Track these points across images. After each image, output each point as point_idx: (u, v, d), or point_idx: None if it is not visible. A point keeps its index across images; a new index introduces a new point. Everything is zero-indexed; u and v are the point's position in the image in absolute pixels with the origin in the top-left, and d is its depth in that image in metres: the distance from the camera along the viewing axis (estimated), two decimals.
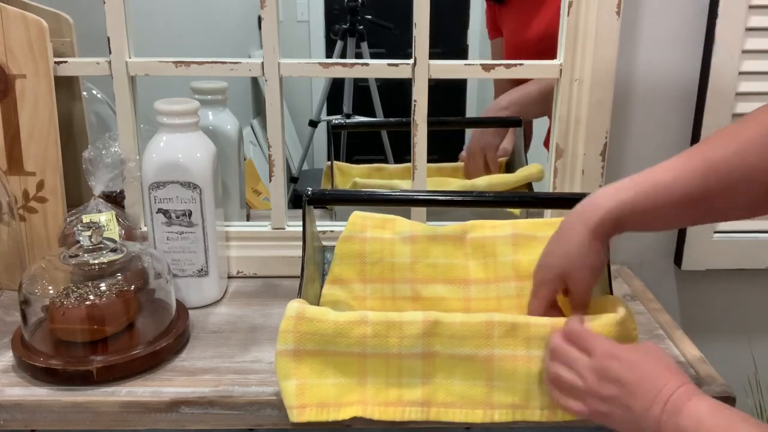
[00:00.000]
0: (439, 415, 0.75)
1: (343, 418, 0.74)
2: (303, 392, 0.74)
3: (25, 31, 0.95)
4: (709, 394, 0.78)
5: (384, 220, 0.91)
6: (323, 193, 0.88)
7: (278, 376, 0.75)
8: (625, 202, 0.70)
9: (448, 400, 0.75)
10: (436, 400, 0.75)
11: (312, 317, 0.74)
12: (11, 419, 0.77)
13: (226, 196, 1.11)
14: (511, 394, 0.75)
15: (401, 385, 0.75)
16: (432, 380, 0.76)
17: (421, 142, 1.02)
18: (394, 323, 0.74)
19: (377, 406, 0.75)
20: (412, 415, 0.75)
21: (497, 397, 0.76)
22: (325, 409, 0.74)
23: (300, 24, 2.74)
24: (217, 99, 1.10)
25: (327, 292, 0.90)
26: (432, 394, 0.75)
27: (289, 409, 0.74)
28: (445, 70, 1.01)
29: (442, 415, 0.75)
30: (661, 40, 1.07)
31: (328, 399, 0.75)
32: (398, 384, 0.76)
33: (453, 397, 0.75)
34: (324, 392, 0.75)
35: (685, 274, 1.20)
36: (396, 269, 0.89)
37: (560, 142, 1.03)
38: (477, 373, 0.75)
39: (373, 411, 0.75)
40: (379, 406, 0.75)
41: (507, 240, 0.90)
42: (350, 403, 0.75)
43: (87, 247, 0.83)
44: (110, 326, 0.82)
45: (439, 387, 0.76)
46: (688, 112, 1.11)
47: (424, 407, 0.75)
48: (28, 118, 0.97)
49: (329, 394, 0.75)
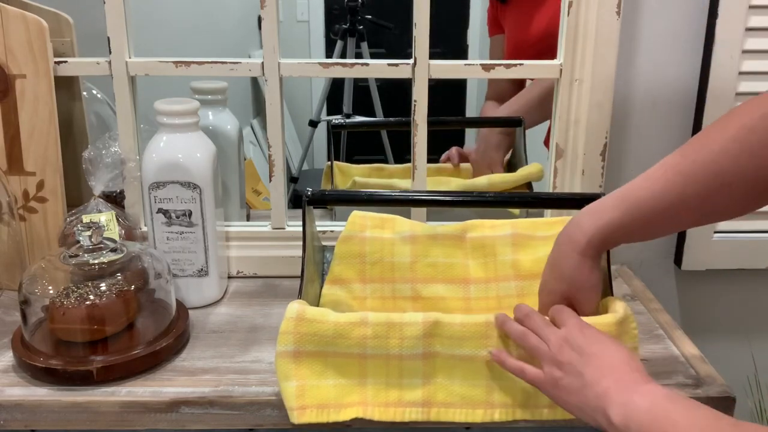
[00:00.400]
0: (439, 415, 0.75)
1: (344, 419, 0.74)
2: (303, 393, 0.74)
3: (25, 31, 0.95)
4: (709, 394, 0.79)
5: (383, 219, 0.91)
6: (323, 193, 0.88)
7: (278, 377, 0.75)
8: (609, 223, 0.73)
9: (448, 400, 0.75)
10: (436, 401, 0.75)
11: (312, 318, 0.74)
12: (11, 419, 0.77)
13: (226, 196, 1.11)
14: (511, 394, 0.75)
15: (401, 386, 0.75)
16: (432, 381, 0.76)
17: (421, 142, 1.02)
18: (395, 324, 0.74)
19: (378, 407, 0.75)
20: (412, 415, 0.75)
21: (497, 396, 0.76)
22: (325, 410, 0.74)
23: (300, 24, 2.74)
24: (217, 99, 1.10)
25: (327, 292, 0.90)
26: (432, 395, 0.75)
27: (290, 410, 0.74)
28: (445, 70, 1.01)
29: (443, 415, 0.75)
30: (661, 40, 1.07)
31: (329, 400, 0.75)
32: (398, 385, 0.75)
33: (453, 398, 0.76)
34: (324, 393, 0.75)
35: (685, 274, 1.20)
36: (396, 269, 0.89)
37: (560, 142, 1.03)
38: (477, 374, 0.75)
39: (373, 412, 0.75)
40: (380, 406, 0.75)
41: (506, 240, 0.90)
42: (351, 404, 0.75)
43: (87, 247, 0.83)
44: (110, 326, 0.82)
45: (439, 387, 0.76)
46: (688, 112, 1.11)
47: (425, 407, 0.75)
48: (28, 118, 0.97)
49: (329, 395, 0.75)
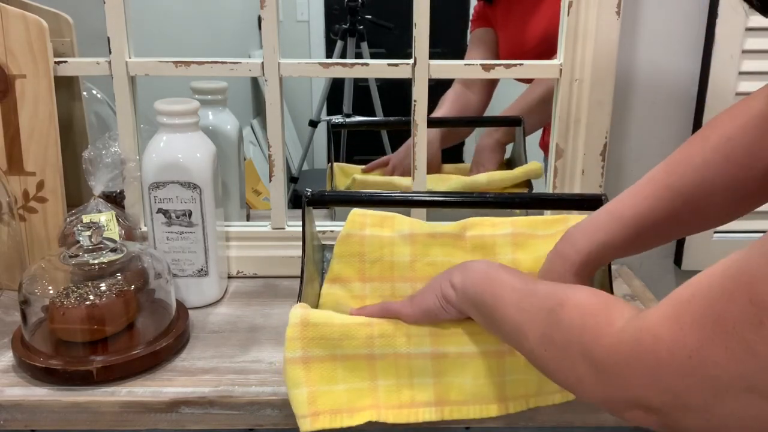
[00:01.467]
0: (453, 413, 0.75)
1: (357, 424, 0.73)
2: (315, 399, 0.73)
3: (25, 31, 0.95)
4: None
5: (383, 217, 0.91)
6: (322, 194, 0.88)
7: (288, 385, 0.73)
8: (604, 243, 0.74)
9: (461, 398, 0.75)
10: (449, 399, 0.75)
11: (317, 322, 0.74)
12: (11, 419, 0.77)
13: (226, 196, 1.11)
14: (524, 386, 0.76)
15: (413, 386, 0.75)
16: (443, 379, 0.75)
17: (421, 142, 1.02)
18: (400, 322, 0.74)
19: (391, 409, 0.74)
20: (426, 415, 0.74)
21: (510, 389, 0.76)
22: (338, 416, 0.73)
23: (300, 24, 2.74)
24: (217, 99, 1.10)
25: (326, 292, 0.89)
26: (445, 393, 0.75)
27: (302, 417, 0.72)
28: (445, 70, 1.01)
29: (456, 413, 0.75)
30: (661, 40, 1.07)
31: (341, 405, 0.73)
32: (410, 385, 0.75)
33: (466, 395, 0.75)
34: (336, 398, 0.73)
35: (685, 274, 1.20)
36: (395, 268, 0.89)
37: (560, 142, 1.03)
38: (489, 370, 0.75)
39: (387, 414, 0.74)
40: (393, 409, 0.74)
41: (506, 239, 0.90)
42: (363, 407, 0.74)
43: (87, 247, 0.82)
44: (110, 326, 0.82)
45: (451, 386, 0.75)
46: (688, 112, 1.11)
47: (438, 407, 0.75)
48: (28, 118, 0.97)
49: (341, 400, 0.73)
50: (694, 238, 1.15)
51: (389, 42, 2.09)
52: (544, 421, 0.78)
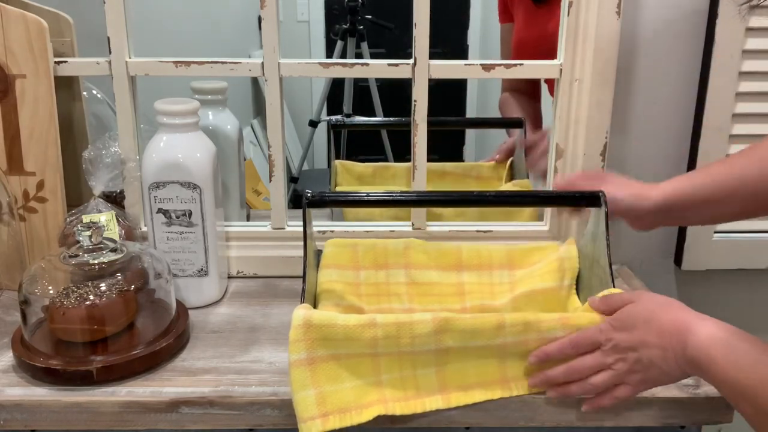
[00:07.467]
0: (459, 399, 0.76)
1: (366, 420, 0.73)
2: (324, 400, 0.73)
3: (25, 31, 0.95)
4: (709, 394, 0.79)
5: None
6: (323, 195, 0.88)
7: (294, 387, 0.73)
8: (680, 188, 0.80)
9: (464, 383, 0.76)
10: (453, 386, 0.76)
11: (320, 323, 0.74)
12: (11, 419, 0.77)
13: (226, 196, 1.11)
14: (525, 367, 0.77)
15: (417, 377, 0.76)
16: (446, 368, 0.76)
17: (421, 142, 1.02)
18: (404, 324, 0.74)
19: (397, 402, 0.75)
20: (432, 405, 0.75)
21: (511, 371, 0.77)
22: (347, 414, 0.73)
23: (300, 24, 2.74)
24: (217, 99, 1.10)
25: (321, 280, 0.89)
26: (448, 381, 0.76)
27: (311, 420, 0.72)
28: (445, 70, 1.01)
29: (462, 399, 0.76)
30: (661, 40, 1.07)
31: (349, 403, 0.73)
32: (414, 376, 0.76)
33: (469, 381, 0.76)
34: (343, 397, 0.73)
35: (685, 274, 1.20)
36: (389, 255, 0.90)
37: (560, 142, 1.03)
38: (490, 359, 0.76)
39: (394, 407, 0.74)
40: (399, 401, 0.75)
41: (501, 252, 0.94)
42: (370, 403, 0.74)
43: (87, 247, 0.83)
44: (110, 326, 0.82)
45: (454, 374, 0.76)
46: (688, 112, 1.11)
47: (443, 395, 0.76)
48: (28, 118, 0.97)
49: (349, 398, 0.74)
50: (694, 238, 1.15)
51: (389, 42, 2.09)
52: (544, 421, 0.78)
